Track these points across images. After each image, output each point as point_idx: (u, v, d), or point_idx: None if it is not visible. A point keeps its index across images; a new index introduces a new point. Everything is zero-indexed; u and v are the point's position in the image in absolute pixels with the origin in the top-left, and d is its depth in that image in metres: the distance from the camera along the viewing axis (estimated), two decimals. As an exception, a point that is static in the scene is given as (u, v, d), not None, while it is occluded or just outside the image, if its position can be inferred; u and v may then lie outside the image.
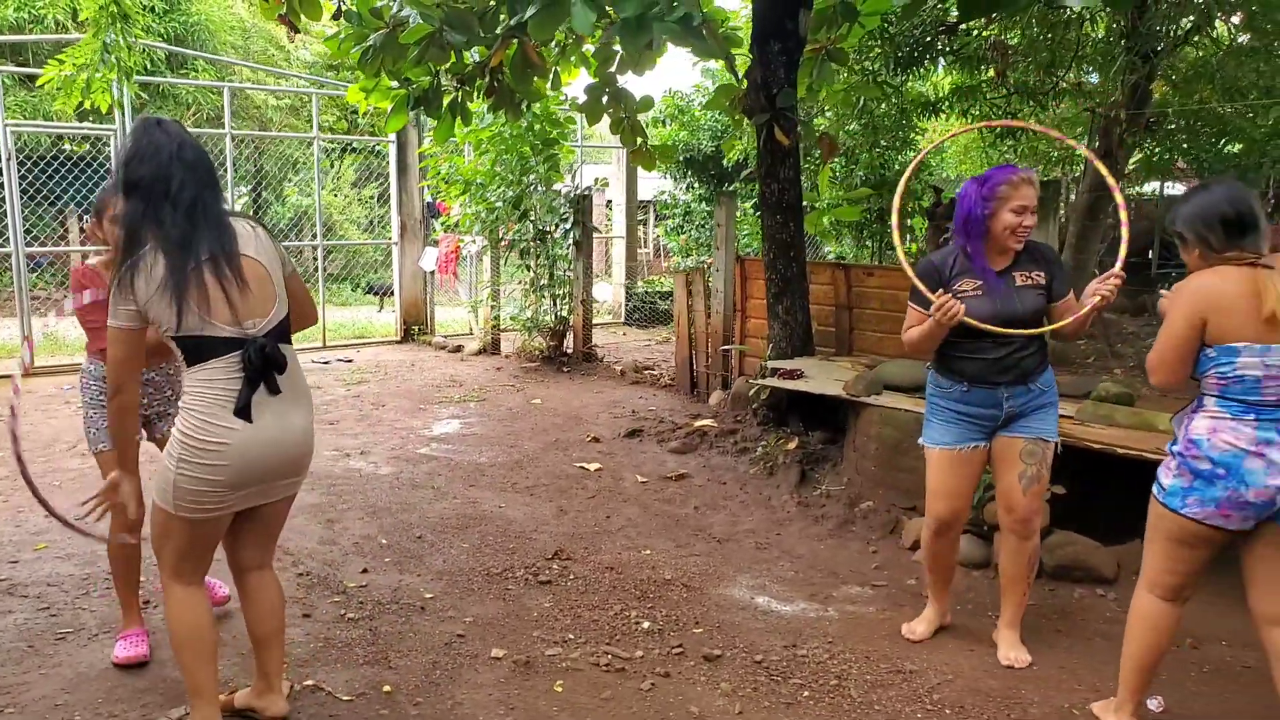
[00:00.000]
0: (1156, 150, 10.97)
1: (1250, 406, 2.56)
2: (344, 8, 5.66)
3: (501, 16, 5.60)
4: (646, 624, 3.68)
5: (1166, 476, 2.72)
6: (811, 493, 5.25)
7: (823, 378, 5.65)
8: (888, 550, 4.55)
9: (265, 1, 5.82)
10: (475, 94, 6.82)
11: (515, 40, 5.73)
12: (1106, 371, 7.82)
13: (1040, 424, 3.33)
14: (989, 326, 3.15)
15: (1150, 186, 14.43)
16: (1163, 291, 2.84)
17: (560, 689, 3.18)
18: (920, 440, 3.53)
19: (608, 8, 4.57)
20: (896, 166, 11.14)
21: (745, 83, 6.28)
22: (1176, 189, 14.49)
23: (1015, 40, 9.52)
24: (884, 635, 3.64)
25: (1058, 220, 5.82)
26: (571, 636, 3.57)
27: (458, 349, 10.25)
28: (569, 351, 9.49)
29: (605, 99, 6.64)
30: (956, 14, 6.90)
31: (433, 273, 10.99)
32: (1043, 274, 3.30)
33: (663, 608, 3.84)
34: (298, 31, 5.88)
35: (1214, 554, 2.73)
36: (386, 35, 5.51)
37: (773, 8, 6.02)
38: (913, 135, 11.79)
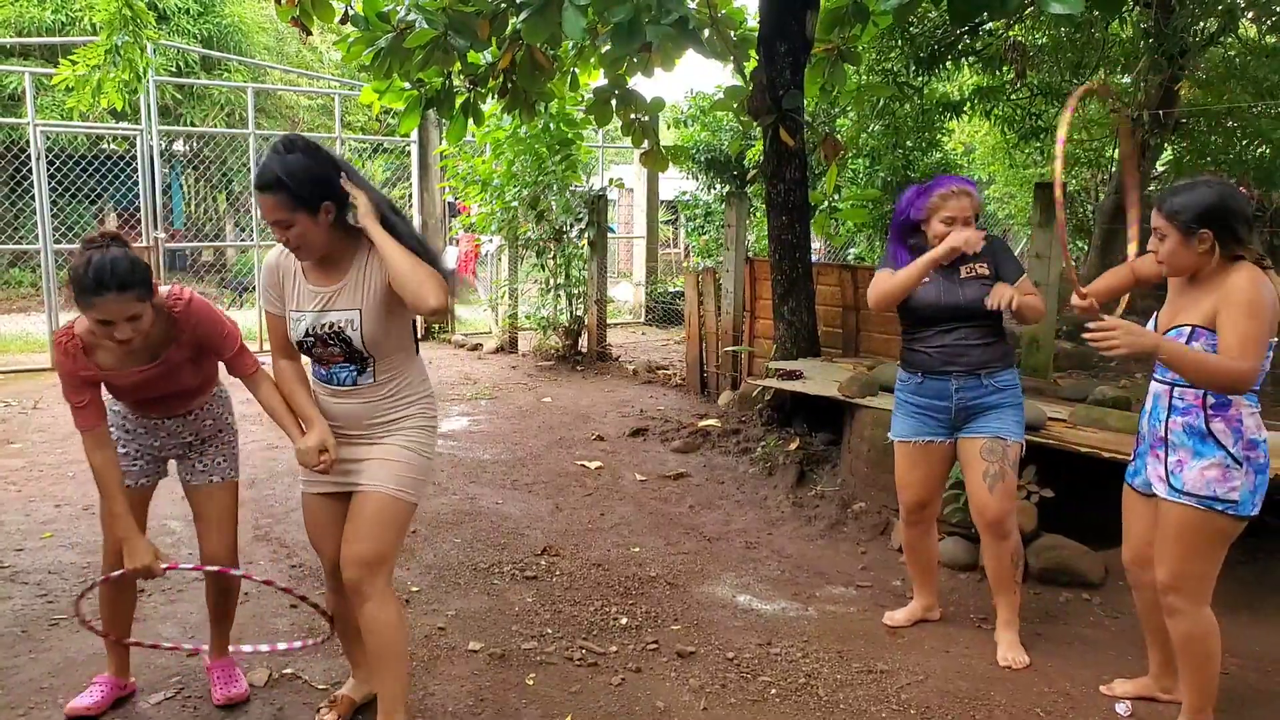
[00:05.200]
0: (1186, 152, 10.82)
1: (1255, 394, 2.72)
2: (351, 12, 5.75)
3: (511, 19, 5.69)
4: (625, 620, 3.73)
5: (1232, 491, 2.69)
6: (807, 493, 5.26)
7: (821, 379, 5.66)
8: (876, 551, 4.56)
9: (280, 4, 5.95)
10: (488, 95, 6.91)
11: (524, 42, 5.81)
12: (1126, 375, 7.73)
13: (997, 423, 3.39)
14: None
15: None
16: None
17: (532, 682, 3.24)
18: (888, 433, 3.69)
19: (602, 12, 4.62)
20: (921, 168, 11.08)
21: (752, 84, 6.30)
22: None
23: (1041, 40, 9.44)
24: (860, 635, 3.65)
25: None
26: (550, 631, 3.62)
27: (476, 347, 10.36)
28: (584, 350, 9.55)
29: (614, 101, 6.71)
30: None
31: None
32: (987, 265, 3.41)
33: (643, 604, 3.89)
34: (309, 33, 5.99)
35: None
36: (393, 39, 5.61)
37: (778, 9, 6.03)
38: (938, 136, 11.71)
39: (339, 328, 2.62)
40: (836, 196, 9.57)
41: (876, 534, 4.72)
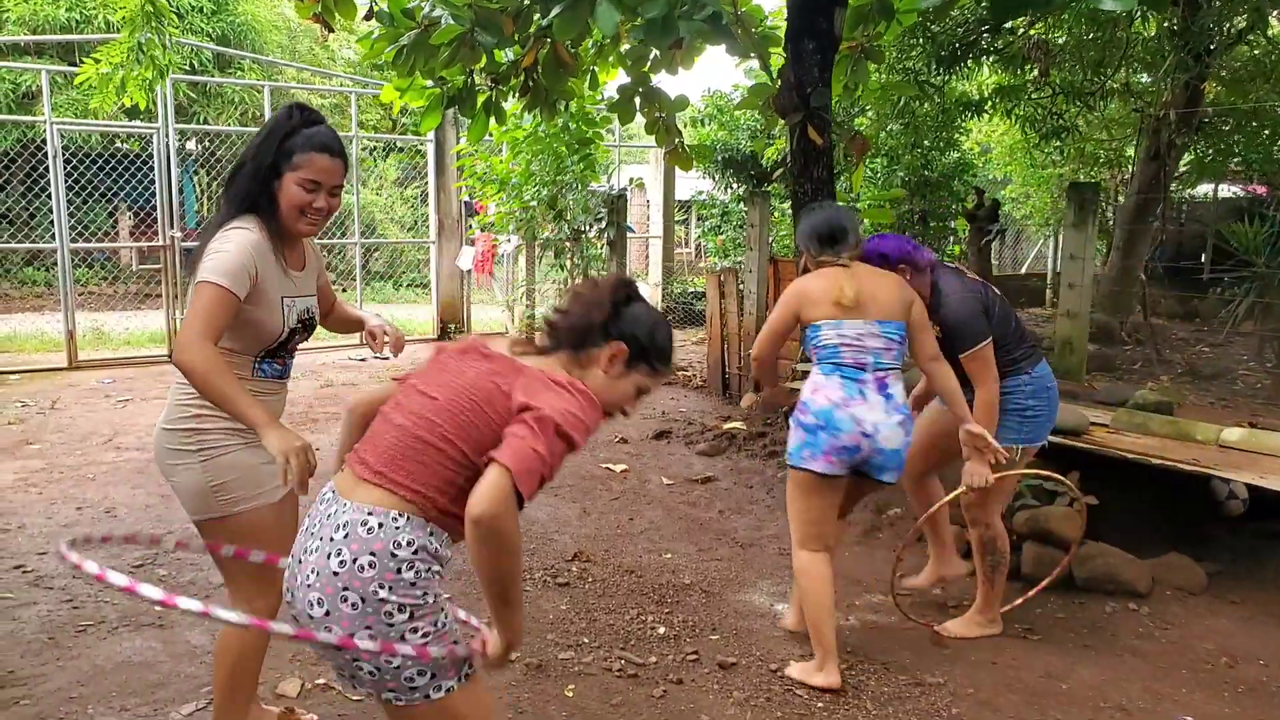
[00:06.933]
0: (1209, 152, 10.70)
1: (835, 368, 3.19)
2: (375, 8, 5.68)
3: (535, 16, 5.60)
4: (662, 629, 3.64)
5: (791, 441, 3.24)
6: (839, 498, 5.17)
7: (852, 381, 5.56)
8: (913, 558, 4.45)
9: (300, 1, 5.87)
10: (510, 93, 6.82)
11: (548, 40, 5.73)
12: (1152, 378, 7.63)
13: None
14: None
15: (1204, 188, 14.08)
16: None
17: (571, 693, 3.15)
18: None
19: (634, 7, 4.53)
20: (938, 167, 10.98)
21: (779, 81, 6.21)
22: (1235, 191, 14.09)
23: (1062, 39, 9.33)
24: (904, 646, 3.56)
25: (1096, 223, 5.66)
26: (586, 640, 3.54)
27: (493, 348, 10.27)
28: (602, 351, 9.46)
29: (638, 99, 6.62)
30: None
31: (469, 271, 11.02)
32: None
33: (680, 613, 3.80)
34: (331, 30, 5.91)
35: (838, 501, 3.31)
36: (418, 35, 5.52)
37: (807, 7, 5.94)
38: (956, 136, 11.60)
39: (312, 313, 2.63)
40: (855, 197, 9.48)
41: (913, 540, 4.62)
